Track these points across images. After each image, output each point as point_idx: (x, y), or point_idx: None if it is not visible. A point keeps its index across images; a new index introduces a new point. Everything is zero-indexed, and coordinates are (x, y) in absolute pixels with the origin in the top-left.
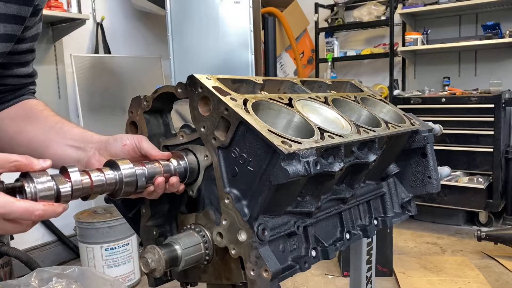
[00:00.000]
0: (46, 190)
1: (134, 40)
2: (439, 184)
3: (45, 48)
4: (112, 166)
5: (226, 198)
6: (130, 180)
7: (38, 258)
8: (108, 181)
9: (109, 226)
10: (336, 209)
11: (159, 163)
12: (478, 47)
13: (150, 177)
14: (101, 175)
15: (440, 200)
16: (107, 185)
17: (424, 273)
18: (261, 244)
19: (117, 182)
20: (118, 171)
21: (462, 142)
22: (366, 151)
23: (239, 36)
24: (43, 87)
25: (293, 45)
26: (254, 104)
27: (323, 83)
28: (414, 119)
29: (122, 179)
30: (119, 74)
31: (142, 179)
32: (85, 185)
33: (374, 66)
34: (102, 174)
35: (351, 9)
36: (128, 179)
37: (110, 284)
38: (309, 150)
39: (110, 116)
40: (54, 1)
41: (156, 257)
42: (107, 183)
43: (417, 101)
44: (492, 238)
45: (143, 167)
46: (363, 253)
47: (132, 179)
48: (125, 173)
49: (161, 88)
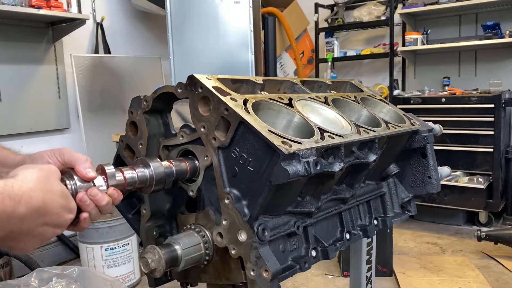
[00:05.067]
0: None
1: (134, 40)
2: (439, 184)
3: (45, 48)
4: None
5: (226, 198)
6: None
7: (38, 258)
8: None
9: (109, 226)
10: (336, 209)
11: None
12: (478, 47)
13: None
14: (133, 173)
15: (440, 200)
16: (139, 183)
17: (424, 273)
18: (261, 244)
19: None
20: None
21: (462, 142)
22: (366, 151)
23: (239, 36)
24: (43, 87)
25: (293, 45)
26: (254, 104)
27: (323, 83)
28: (414, 119)
29: (153, 177)
30: (119, 74)
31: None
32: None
33: (374, 66)
34: (134, 171)
35: (351, 9)
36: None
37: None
38: (309, 150)
39: (110, 116)
40: (54, 1)
41: (156, 257)
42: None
43: (417, 101)
44: (492, 238)
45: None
46: (363, 253)
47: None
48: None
49: (161, 88)
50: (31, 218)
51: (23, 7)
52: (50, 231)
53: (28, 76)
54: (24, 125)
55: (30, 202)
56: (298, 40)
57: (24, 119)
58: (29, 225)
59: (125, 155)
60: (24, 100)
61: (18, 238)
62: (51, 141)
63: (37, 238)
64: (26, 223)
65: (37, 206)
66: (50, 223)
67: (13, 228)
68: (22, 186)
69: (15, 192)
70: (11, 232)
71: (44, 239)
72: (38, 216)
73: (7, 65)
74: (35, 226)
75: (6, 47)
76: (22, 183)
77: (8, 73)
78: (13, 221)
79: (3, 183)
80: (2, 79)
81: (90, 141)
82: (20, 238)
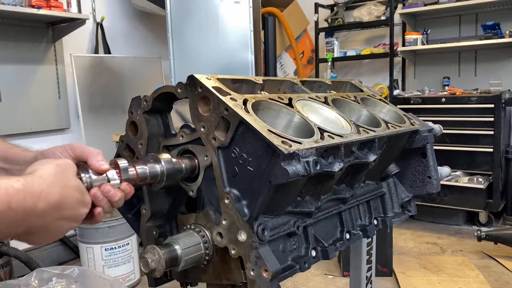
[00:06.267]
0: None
1: (134, 40)
2: (439, 184)
3: (45, 48)
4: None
5: (226, 198)
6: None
7: (38, 258)
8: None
9: (109, 226)
10: (336, 209)
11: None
12: (478, 47)
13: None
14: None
15: (440, 200)
16: (150, 178)
17: (424, 273)
18: (261, 244)
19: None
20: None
21: (462, 142)
22: (366, 151)
23: (239, 36)
24: (43, 87)
25: (293, 45)
26: (254, 104)
27: (323, 83)
28: (414, 119)
29: (164, 172)
30: (119, 74)
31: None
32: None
33: (374, 66)
34: (146, 167)
35: (351, 9)
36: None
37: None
38: (309, 150)
39: (110, 116)
40: (54, 1)
41: (156, 257)
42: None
43: (417, 101)
44: (492, 238)
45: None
46: (363, 253)
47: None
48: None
49: (161, 88)
50: (49, 213)
51: (23, 7)
52: (66, 225)
53: (28, 76)
54: (24, 125)
55: (49, 198)
56: (298, 40)
57: (24, 119)
58: (47, 220)
59: (125, 155)
60: (24, 100)
61: (37, 232)
62: (51, 141)
63: (54, 232)
64: (45, 218)
65: (55, 201)
66: (67, 217)
67: (32, 224)
68: (41, 182)
69: (35, 189)
70: (30, 227)
71: (60, 233)
72: (55, 211)
73: (7, 65)
74: (52, 221)
75: (6, 47)
76: (41, 179)
77: (8, 73)
78: (33, 217)
79: (24, 180)
80: (2, 79)
81: (90, 141)
82: (38, 233)
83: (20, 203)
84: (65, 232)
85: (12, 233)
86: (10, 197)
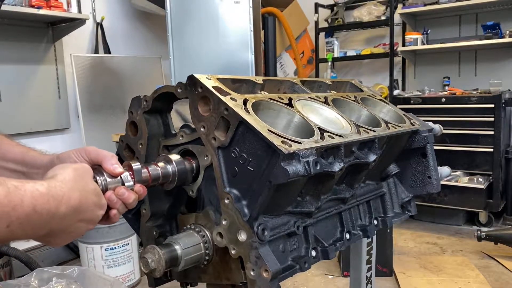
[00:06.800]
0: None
1: (134, 40)
2: (439, 184)
3: (45, 48)
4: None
5: (226, 198)
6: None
7: (38, 258)
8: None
9: (109, 226)
10: (336, 209)
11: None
12: (478, 47)
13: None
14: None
15: (440, 200)
16: (162, 178)
17: (424, 273)
18: (261, 244)
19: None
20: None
21: (462, 142)
22: (366, 151)
23: (239, 36)
24: (43, 87)
25: (293, 45)
26: (254, 104)
27: (323, 83)
28: (414, 119)
29: (176, 172)
30: (119, 74)
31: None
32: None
33: (374, 66)
34: (158, 167)
35: (351, 9)
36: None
37: (110, 284)
38: (309, 150)
39: (110, 116)
40: (54, 1)
41: (156, 257)
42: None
43: (417, 101)
44: (492, 238)
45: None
46: (363, 253)
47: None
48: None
49: (161, 88)
50: (69, 216)
51: (23, 7)
52: (84, 227)
53: (28, 76)
54: (24, 125)
55: (70, 201)
56: (298, 40)
57: (24, 119)
58: (67, 222)
59: (125, 155)
60: (24, 100)
61: (57, 234)
62: (51, 141)
63: (72, 233)
64: (65, 221)
65: (75, 204)
66: (85, 219)
67: (54, 226)
68: (62, 186)
69: (57, 192)
70: (52, 229)
71: (78, 234)
72: (75, 213)
73: (7, 65)
74: (72, 223)
75: (6, 47)
76: (62, 183)
77: (8, 73)
78: (55, 219)
79: (47, 184)
80: (2, 79)
81: (90, 141)
82: (58, 234)
83: (44, 206)
84: (82, 234)
85: (35, 235)
86: (35, 200)
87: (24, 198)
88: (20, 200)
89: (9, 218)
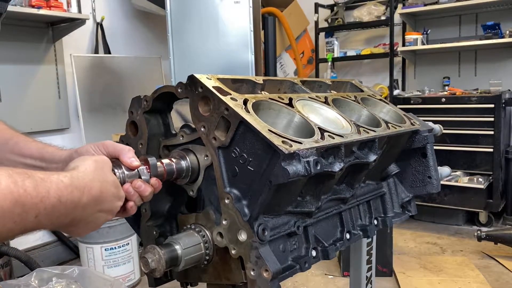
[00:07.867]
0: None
1: (134, 40)
2: (439, 184)
3: (45, 48)
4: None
5: (226, 198)
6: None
7: (38, 258)
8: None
9: (109, 226)
10: (336, 209)
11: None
12: (478, 47)
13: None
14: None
15: (440, 200)
16: (177, 174)
17: (424, 273)
18: (261, 244)
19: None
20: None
21: (462, 142)
22: (366, 151)
23: (239, 36)
24: (43, 87)
25: (293, 45)
26: (254, 104)
27: (323, 83)
28: (414, 119)
29: (189, 167)
30: (119, 74)
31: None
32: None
33: (374, 66)
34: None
35: (351, 9)
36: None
37: (110, 284)
38: (309, 150)
39: (110, 116)
40: (54, 1)
41: (156, 257)
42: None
43: (417, 101)
44: (492, 238)
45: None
46: (363, 253)
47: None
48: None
49: (161, 88)
50: (90, 206)
51: (23, 7)
52: (103, 217)
53: (28, 76)
54: (24, 125)
55: (91, 192)
56: (298, 40)
57: (24, 119)
58: (88, 212)
59: None
60: (24, 100)
61: (78, 224)
62: (51, 141)
63: (92, 223)
64: (86, 211)
65: (96, 195)
66: (104, 210)
67: (76, 216)
68: (84, 177)
69: (80, 183)
70: (74, 219)
71: (98, 224)
72: (96, 204)
73: (7, 65)
74: (92, 213)
75: (6, 47)
76: (84, 174)
77: (8, 73)
78: (78, 209)
79: (70, 175)
80: (2, 79)
81: (90, 141)
82: (79, 224)
83: (68, 196)
84: (101, 224)
85: (60, 225)
86: (60, 191)
87: (51, 189)
88: (47, 191)
89: (37, 209)
